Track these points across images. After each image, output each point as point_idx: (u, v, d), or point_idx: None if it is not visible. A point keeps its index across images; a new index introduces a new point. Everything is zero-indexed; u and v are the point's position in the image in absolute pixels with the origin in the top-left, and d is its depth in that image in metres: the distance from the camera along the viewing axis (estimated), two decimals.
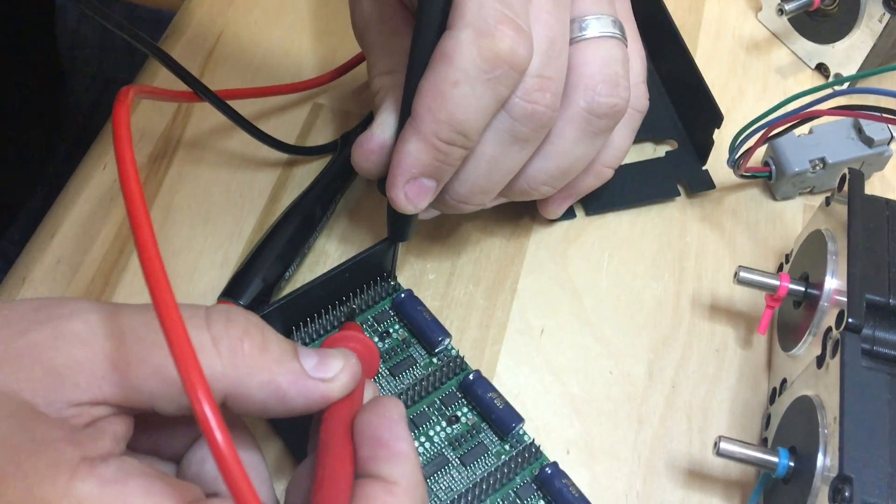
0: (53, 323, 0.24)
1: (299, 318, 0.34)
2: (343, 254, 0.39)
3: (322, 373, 0.26)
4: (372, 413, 0.26)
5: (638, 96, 0.36)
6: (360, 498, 0.24)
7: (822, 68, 0.46)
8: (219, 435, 0.20)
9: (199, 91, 0.34)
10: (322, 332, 0.35)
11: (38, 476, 0.21)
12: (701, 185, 0.41)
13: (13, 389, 0.23)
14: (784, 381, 0.34)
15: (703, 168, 0.42)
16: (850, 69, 0.44)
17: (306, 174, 0.41)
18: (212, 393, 0.23)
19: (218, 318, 0.25)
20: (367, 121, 0.42)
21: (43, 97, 0.67)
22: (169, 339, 0.21)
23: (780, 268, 0.39)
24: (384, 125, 0.33)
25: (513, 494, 0.32)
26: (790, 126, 0.35)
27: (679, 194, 0.41)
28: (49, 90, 0.67)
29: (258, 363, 0.25)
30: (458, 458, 0.33)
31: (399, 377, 0.34)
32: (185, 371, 0.21)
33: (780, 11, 0.44)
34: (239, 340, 0.25)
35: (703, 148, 0.41)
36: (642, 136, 0.41)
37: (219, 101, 0.35)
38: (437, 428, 0.33)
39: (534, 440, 0.33)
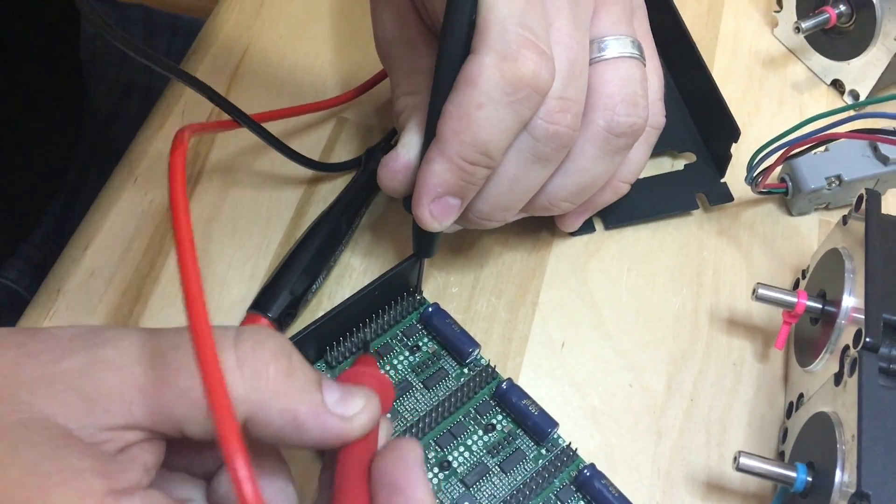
0: (88, 350, 0.24)
1: (332, 339, 0.35)
2: (368, 267, 0.40)
3: (343, 410, 0.26)
4: (389, 458, 0.26)
5: (655, 114, 0.37)
6: None
7: (837, 84, 0.46)
8: (247, 485, 0.21)
9: (235, 115, 0.35)
10: (354, 349, 0.36)
11: None
12: (719, 197, 0.42)
13: (47, 414, 0.23)
14: (801, 395, 0.35)
15: (722, 181, 0.42)
16: (865, 86, 0.45)
17: (331, 189, 0.42)
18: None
19: (246, 339, 0.25)
20: (391, 136, 0.42)
21: (64, 102, 0.67)
22: (203, 376, 0.21)
23: (797, 283, 0.39)
24: (409, 146, 0.34)
25: (553, 497, 0.33)
26: (809, 147, 0.36)
27: (697, 207, 0.42)
28: (70, 95, 0.68)
29: (281, 389, 0.25)
30: (498, 466, 0.34)
31: (433, 389, 0.35)
32: (217, 410, 0.21)
33: (797, 29, 0.44)
34: (265, 364, 0.25)
35: (721, 161, 0.42)
36: (662, 148, 0.42)
37: (252, 123, 0.36)
38: (475, 437, 0.34)
39: (570, 443, 0.34)
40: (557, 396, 0.37)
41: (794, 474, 0.31)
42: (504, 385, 0.35)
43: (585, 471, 0.33)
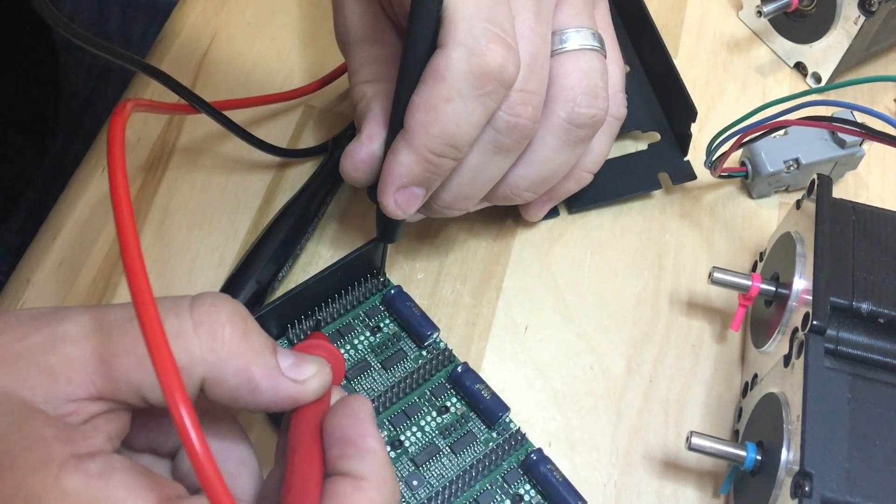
0: (49, 328, 0.26)
1: (294, 317, 0.36)
2: (335, 256, 0.40)
3: (295, 374, 0.27)
4: (340, 414, 0.28)
5: (616, 104, 0.38)
6: (329, 496, 0.26)
7: (800, 67, 0.47)
8: (194, 435, 0.21)
9: (194, 102, 0.36)
10: (317, 328, 0.36)
11: (28, 470, 0.23)
12: (682, 176, 0.43)
13: (13, 389, 0.24)
14: (755, 376, 0.36)
15: (685, 159, 0.43)
16: (826, 68, 0.45)
17: (299, 175, 0.42)
18: (189, 376, 0.25)
19: (202, 304, 0.26)
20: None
21: (40, 88, 0.68)
22: (146, 338, 0.22)
23: (755, 266, 0.40)
24: (372, 136, 0.34)
25: (500, 479, 0.34)
26: (762, 133, 0.36)
27: (660, 187, 0.43)
28: (46, 81, 0.68)
29: (237, 350, 0.26)
30: (449, 447, 0.34)
31: (391, 370, 0.36)
32: (162, 370, 0.22)
33: (759, 13, 0.45)
34: (221, 326, 0.26)
35: (683, 140, 0.43)
36: (627, 129, 0.43)
37: (213, 111, 0.37)
38: (428, 418, 0.35)
39: (519, 428, 0.35)
40: (520, 379, 0.38)
41: (744, 453, 0.32)
42: (459, 368, 0.36)
43: (532, 455, 0.34)
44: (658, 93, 0.45)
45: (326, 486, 0.26)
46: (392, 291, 0.38)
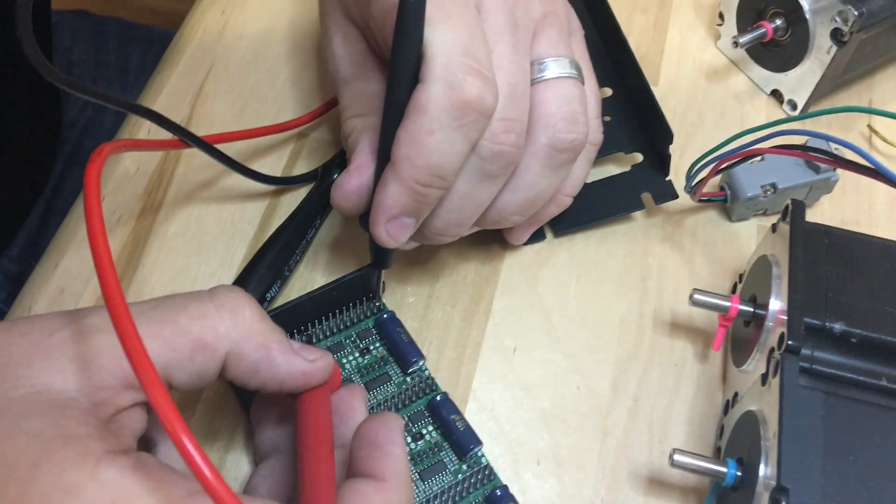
0: (76, 323, 0.28)
1: (288, 330, 0.37)
2: (328, 281, 0.41)
3: (305, 355, 0.31)
4: (374, 421, 0.31)
5: (593, 130, 0.39)
6: (351, 492, 0.28)
7: (776, 94, 0.49)
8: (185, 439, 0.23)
9: (186, 138, 0.37)
10: (309, 342, 0.38)
11: (67, 464, 0.24)
12: (665, 196, 0.43)
13: (46, 383, 0.26)
14: (736, 394, 0.37)
15: (667, 179, 0.44)
16: (801, 96, 0.47)
17: (293, 203, 0.43)
18: (215, 352, 0.28)
19: (220, 291, 0.30)
20: (344, 153, 0.44)
21: (39, 115, 0.69)
22: (120, 336, 0.24)
23: (735, 287, 0.42)
24: (360, 168, 0.35)
25: None
26: (738, 160, 0.38)
27: (643, 207, 0.44)
28: (45, 108, 0.69)
29: (257, 328, 0.29)
30: (418, 473, 0.35)
31: (373, 392, 0.37)
32: (138, 366, 0.24)
33: (735, 44, 0.46)
34: (241, 306, 0.29)
35: (664, 161, 0.44)
36: (611, 151, 0.44)
37: (204, 145, 0.38)
38: None
39: (489, 463, 0.36)
40: (509, 399, 0.39)
41: (724, 469, 0.33)
42: (438, 397, 0.37)
43: (497, 491, 0.35)
44: (639, 116, 0.46)
45: (349, 484, 0.28)
46: (385, 316, 0.39)
